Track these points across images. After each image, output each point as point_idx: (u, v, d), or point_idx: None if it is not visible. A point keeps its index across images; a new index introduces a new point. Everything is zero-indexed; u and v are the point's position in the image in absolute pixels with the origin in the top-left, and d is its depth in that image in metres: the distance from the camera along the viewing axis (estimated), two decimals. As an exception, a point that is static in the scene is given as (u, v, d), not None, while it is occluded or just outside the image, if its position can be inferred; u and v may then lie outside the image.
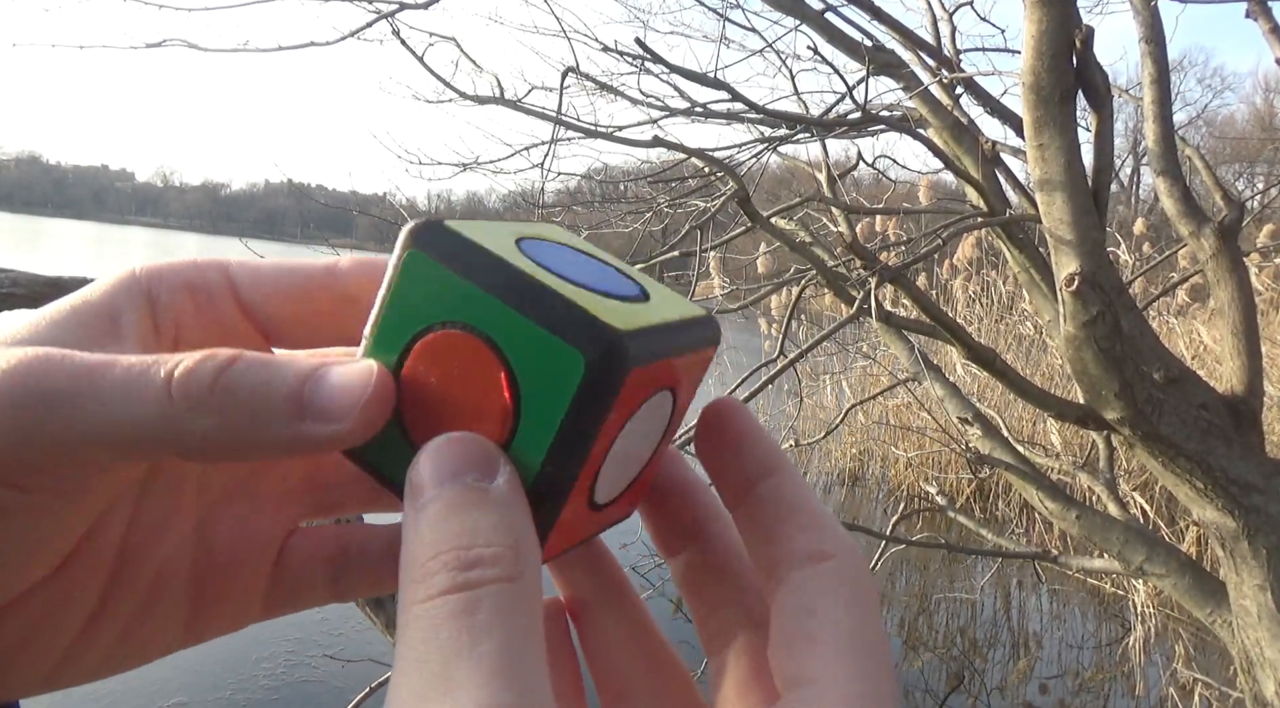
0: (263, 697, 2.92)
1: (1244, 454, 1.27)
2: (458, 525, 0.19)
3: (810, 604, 0.21)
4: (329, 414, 0.21)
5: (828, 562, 0.22)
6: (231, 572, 0.25)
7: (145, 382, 0.20)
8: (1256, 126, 20.37)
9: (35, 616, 0.22)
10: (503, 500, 0.20)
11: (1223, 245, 1.33)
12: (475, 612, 0.18)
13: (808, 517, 0.23)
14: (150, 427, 0.19)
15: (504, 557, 0.19)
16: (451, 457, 0.20)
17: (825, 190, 1.72)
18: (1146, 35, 1.38)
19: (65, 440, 0.19)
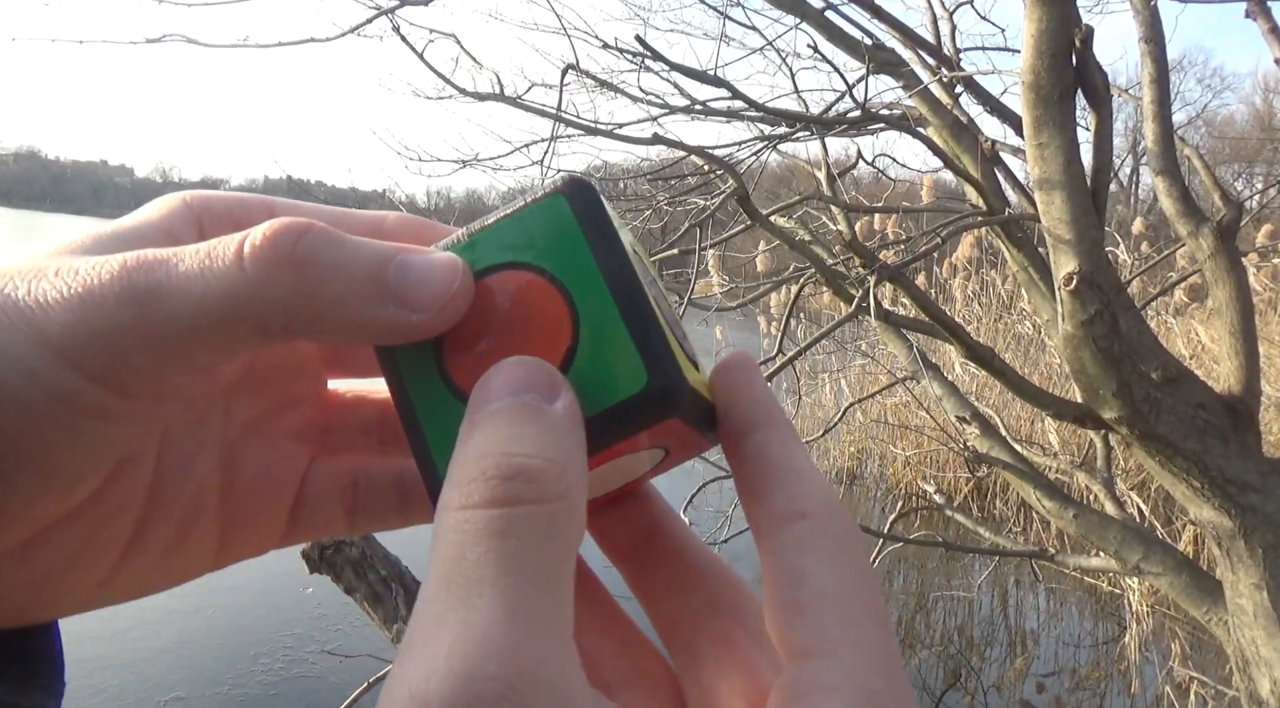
0: (261, 692, 2.92)
1: (1241, 453, 1.27)
2: (507, 434, 0.19)
3: (794, 569, 0.20)
4: (412, 301, 0.20)
5: (808, 520, 0.21)
6: (255, 501, 0.26)
7: (214, 260, 0.20)
8: (1255, 127, 20.38)
9: (83, 533, 0.22)
10: (559, 422, 0.19)
11: (1221, 245, 1.33)
12: (507, 535, 0.17)
13: (786, 472, 0.22)
14: (229, 304, 0.19)
15: (547, 473, 0.18)
16: (517, 375, 0.20)
17: (825, 188, 1.72)
18: (1146, 35, 1.38)
19: (162, 335, 0.19)
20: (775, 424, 0.23)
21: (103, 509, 0.22)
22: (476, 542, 0.17)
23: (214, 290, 0.19)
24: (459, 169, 2.61)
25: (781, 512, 0.21)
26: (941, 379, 2.03)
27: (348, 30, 2.18)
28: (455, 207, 27.59)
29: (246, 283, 0.19)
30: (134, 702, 2.78)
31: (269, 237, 0.20)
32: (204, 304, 0.19)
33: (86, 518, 0.22)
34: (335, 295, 0.20)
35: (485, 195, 24.71)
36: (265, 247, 0.20)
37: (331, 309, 0.20)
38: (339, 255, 0.20)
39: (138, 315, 0.19)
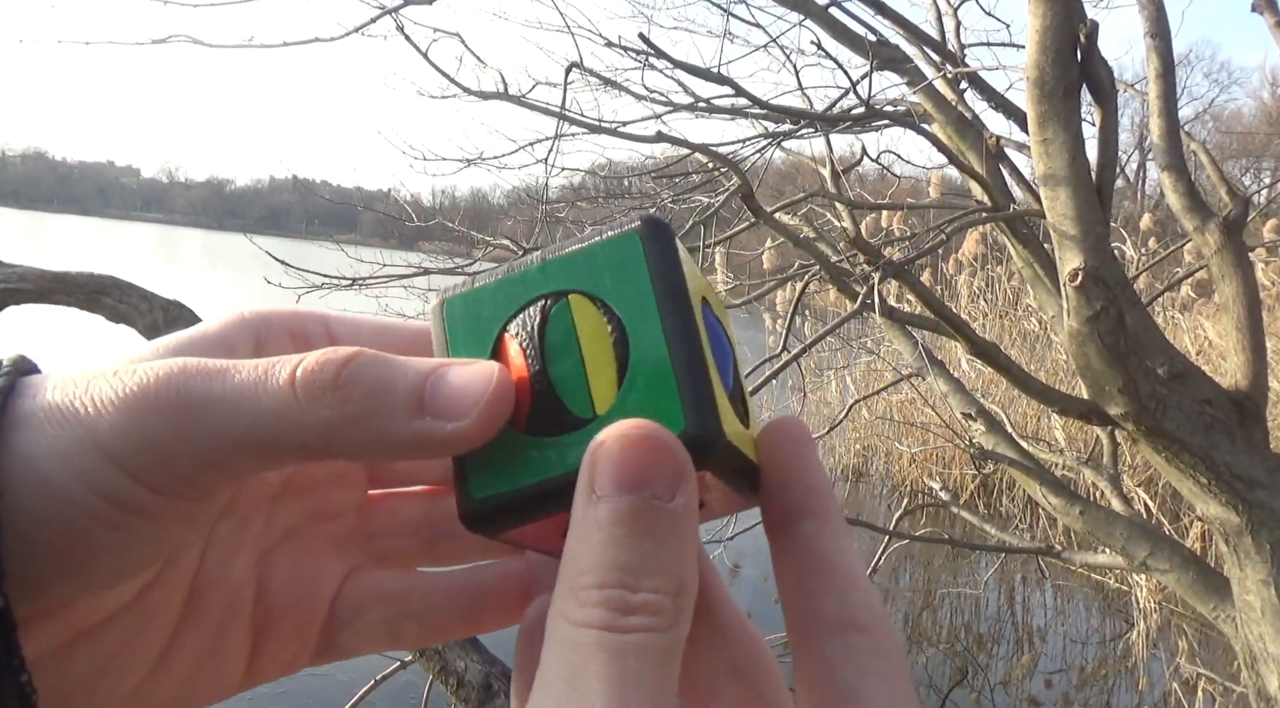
0: (268, 689, 2.92)
1: (1248, 449, 1.27)
2: (627, 556, 0.19)
3: (848, 685, 0.20)
4: (449, 412, 0.21)
5: (861, 634, 0.21)
6: (286, 612, 0.26)
7: (269, 379, 0.20)
8: (1263, 121, 20.28)
9: (116, 641, 0.22)
10: (678, 527, 0.19)
11: (1228, 240, 1.33)
12: (626, 656, 0.18)
13: (840, 576, 0.22)
14: (276, 424, 0.20)
15: (665, 608, 0.19)
16: (635, 460, 0.20)
17: (829, 185, 1.71)
18: (1152, 29, 1.38)
19: (207, 445, 0.20)
20: (830, 517, 0.23)
21: (139, 613, 0.23)
22: (596, 657, 0.18)
23: (264, 409, 0.20)
24: (464, 168, 2.61)
25: (834, 619, 0.21)
26: (947, 376, 2.02)
27: (352, 30, 2.18)
28: (460, 205, 27.56)
29: (295, 405, 0.20)
30: (142, 700, 2.79)
31: (320, 361, 0.21)
32: (253, 420, 0.20)
33: (123, 622, 0.22)
34: (375, 413, 0.21)
35: (490, 194, 24.70)
36: (316, 370, 0.20)
37: (371, 426, 0.21)
38: (382, 375, 0.21)
39: (187, 423, 0.20)
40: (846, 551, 0.23)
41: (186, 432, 0.20)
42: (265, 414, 0.20)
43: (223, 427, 0.20)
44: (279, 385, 0.20)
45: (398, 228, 2.99)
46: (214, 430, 0.20)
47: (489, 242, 2.56)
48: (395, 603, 0.27)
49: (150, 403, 0.20)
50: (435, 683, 1.48)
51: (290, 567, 0.26)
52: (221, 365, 0.21)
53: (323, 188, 16.73)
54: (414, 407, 0.21)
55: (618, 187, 3.42)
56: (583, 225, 2.70)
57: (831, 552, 0.22)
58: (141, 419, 0.20)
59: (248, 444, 0.20)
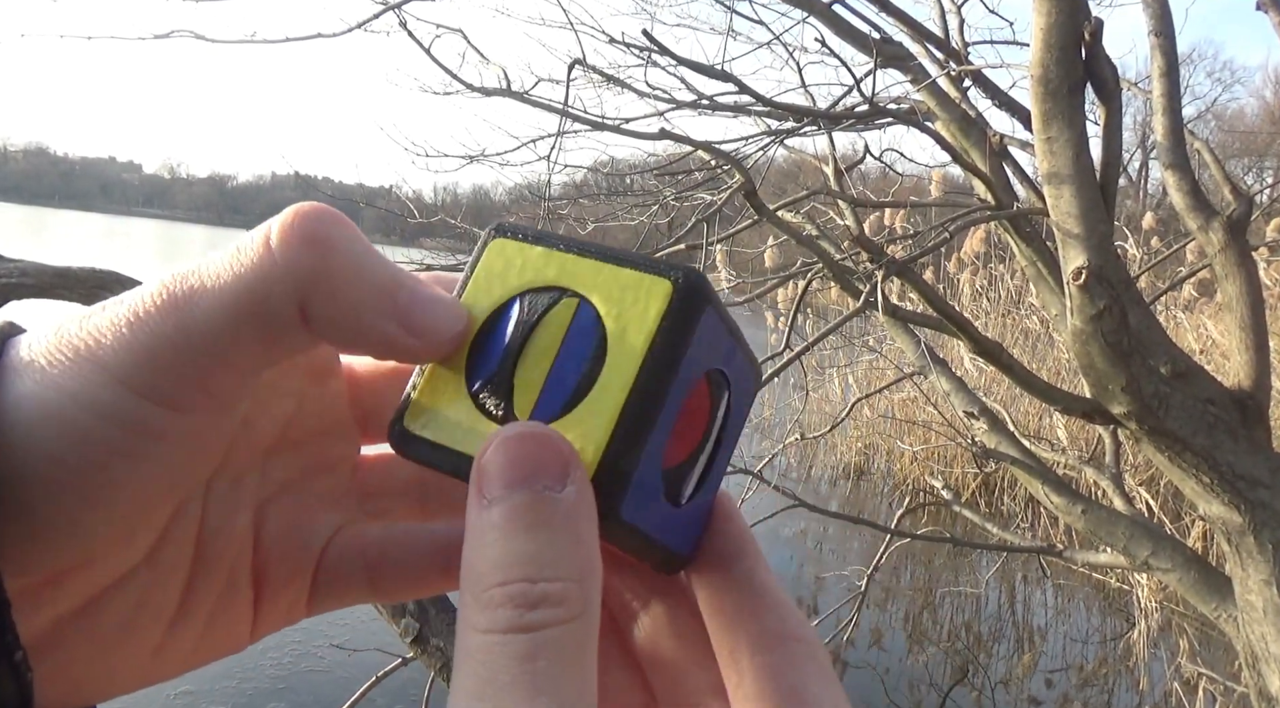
0: (269, 686, 2.93)
1: (1250, 449, 1.27)
2: (525, 549, 0.19)
3: (793, 685, 0.22)
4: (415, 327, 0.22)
5: (800, 644, 0.23)
6: (279, 563, 0.26)
7: (245, 247, 0.21)
8: (1266, 120, 20.24)
9: (133, 601, 0.23)
10: (572, 515, 0.20)
11: (1231, 239, 1.32)
12: (536, 658, 0.18)
13: (777, 600, 0.24)
14: (258, 285, 0.20)
15: (569, 595, 0.19)
16: (522, 455, 0.20)
17: (832, 183, 1.71)
18: (1156, 28, 1.37)
19: (203, 331, 0.20)
20: (759, 558, 0.25)
21: (152, 571, 0.23)
22: (507, 666, 0.18)
23: (244, 279, 0.20)
24: (466, 164, 2.61)
25: (776, 632, 0.23)
26: (949, 374, 2.02)
27: (355, 25, 2.18)
28: (462, 202, 27.56)
29: (273, 264, 0.20)
30: (143, 697, 2.79)
31: (300, 215, 0.21)
32: (236, 295, 0.20)
33: (139, 580, 0.23)
34: (352, 293, 0.21)
35: (492, 191, 24.70)
36: (295, 225, 0.21)
37: (347, 305, 0.21)
38: (363, 257, 0.21)
39: (177, 323, 0.20)
40: (777, 585, 0.25)
41: (180, 332, 0.20)
42: (245, 278, 0.20)
43: (212, 313, 0.20)
44: (255, 247, 0.20)
45: (400, 225, 2.99)
46: (204, 318, 0.20)
47: (491, 238, 2.55)
48: (376, 553, 0.27)
49: (143, 315, 0.20)
50: (437, 680, 1.48)
51: (284, 519, 0.26)
52: (200, 261, 0.21)
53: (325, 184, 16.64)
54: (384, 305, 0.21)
55: (620, 184, 3.42)
56: (585, 223, 2.70)
57: (767, 582, 0.24)
58: (140, 335, 0.20)
59: (235, 317, 0.20)
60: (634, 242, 2.54)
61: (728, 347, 0.24)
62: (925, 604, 4.28)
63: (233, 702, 2.83)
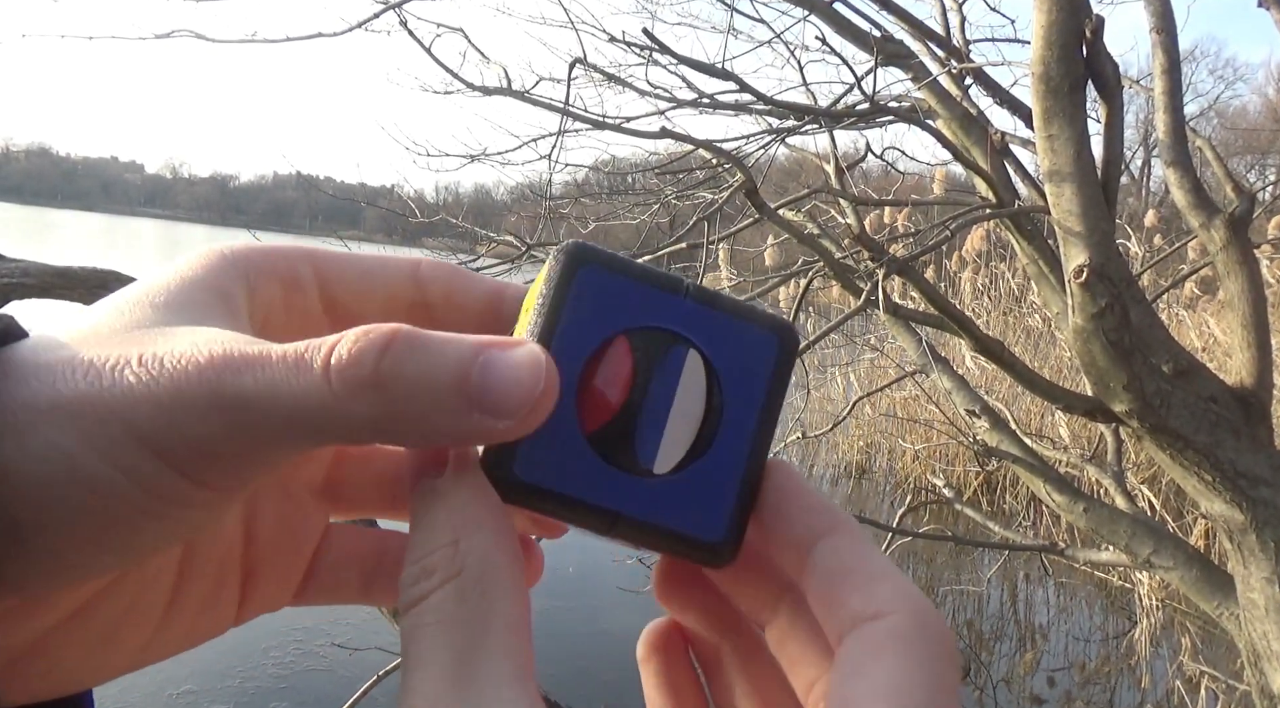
0: (271, 685, 2.94)
1: (1253, 447, 1.26)
2: (413, 540, 0.21)
3: (857, 667, 0.19)
4: (498, 409, 0.20)
5: (881, 620, 0.20)
6: (272, 554, 0.26)
7: (305, 371, 0.19)
8: (1268, 118, 20.21)
9: (129, 598, 0.23)
10: (448, 498, 0.21)
11: (1233, 237, 1.32)
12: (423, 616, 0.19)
13: (864, 576, 0.21)
14: (317, 417, 0.19)
15: (444, 559, 0.20)
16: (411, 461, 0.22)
17: (833, 182, 1.71)
18: (1157, 25, 1.37)
19: (248, 439, 0.19)
20: (844, 528, 0.22)
21: (144, 575, 0.23)
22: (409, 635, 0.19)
23: (303, 405, 0.19)
24: (467, 164, 2.61)
25: (858, 613, 0.20)
26: (951, 373, 2.02)
27: (355, 25, 2.18)
28: (464, 201, 27.51)
29: (334, 399, 0.19)
30: (145, 696, 2.80)
31: (355, 353, 0.19)
32: (293, 418, 0.19)
33: (129, 584, 0.23)
34: (420, 412, 0.20)
35: (494, 190, 24.71)
36: (351, 365, 0.19)
37: (417, 424, 0.20)
38: (422, 367, 0.20)
39: (228, 423, 0.19)
40: (870, 554, 0.22)
41: (226, 427, 0.19)
42: (304, 409, 0.19)
43: (263, 421, 0.19)
44: (315, 378, 0.19)
45: (401, 224, 2.99)
46: (254, 425, 0.19)
47: (492, 238, 2.55)
48: (371, 561, 0.27)
49: (189, 400, 0.19)
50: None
51: (276, 515, 0.26)
52: (254, 355, 0.20)
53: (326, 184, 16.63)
54: (460, 403, 0.20)
55: (621, 183, 3.42)
56: (586, 222, 2.70)
57: (853, 556, 0.22)
58: (183, 418, 0.19)
59: (288, 437, 0.20)
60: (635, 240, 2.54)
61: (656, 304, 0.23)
62: (927, 603, 4.28)
63: (235, 701, 2.84)
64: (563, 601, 3.61)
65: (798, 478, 0.24)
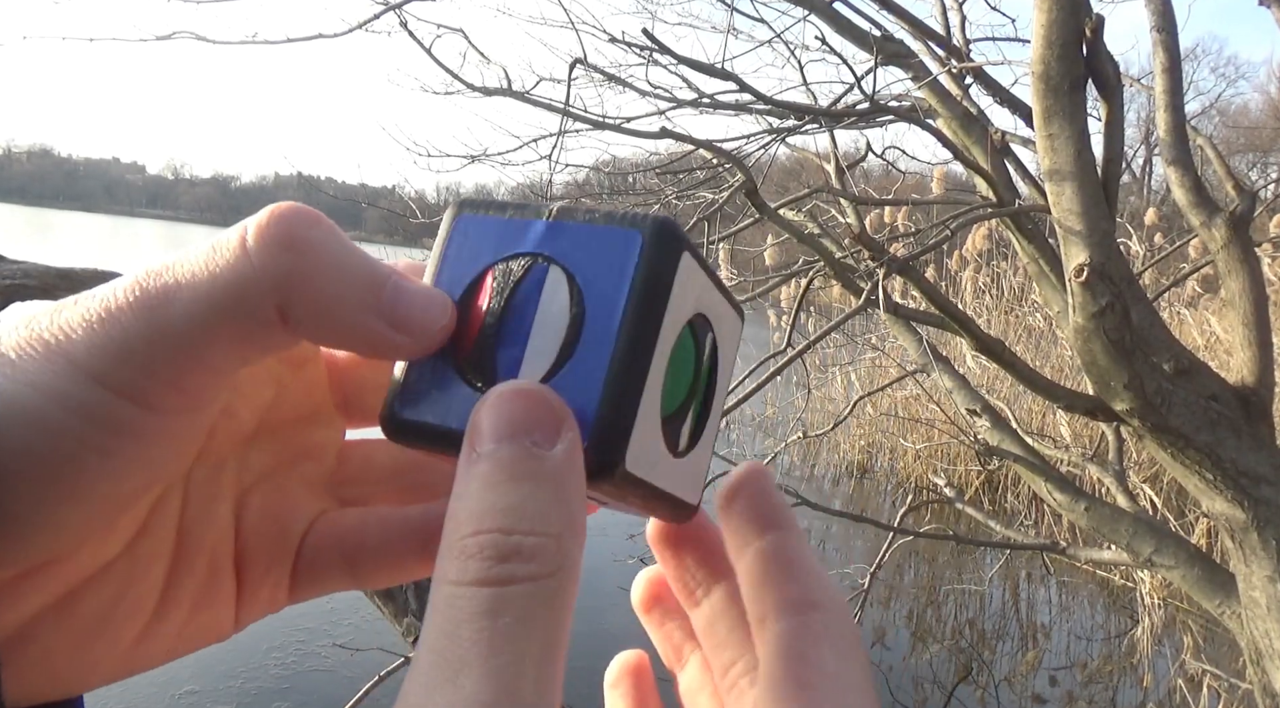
0: (273, 686, 2.94)
1: (1254, 446, 1.26)
2: (505, 501, 0.19)
3: (801, 650, 0.22)
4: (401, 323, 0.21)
5: (818, 612, 0.23)
6: (259, 552, 0.26)
7: (221, 245, 0.20)
8: (1270, 116, 20.18)
9: (113, 593, 0.22)
10: (560, 474, 0.19)
11: (1234, 236, 1.32)
12: (500, 613, 0.17)
13: (802, 570, 0.24)
14: (234, 288, 0.20)
15: (544, 549, 0.18)
16: (514, 412, 0.20)
17: (833, 181, 1.71)
18: (1158, 24, 1.37)
19: (177, 331, 0.20)
20: (790, 528, 0.25)
21: (132, 563, 0.23)
22: (470, 620, 0.17)
23: (220, 280, 0.20)
24: (468, 164, 2.61)
25: (796, 600, 0.23)
26: (952, 372, 2.02)
27: (356, 26, 2.19)
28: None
29: (249, 266, 0.20)
30: (147, 696, 2.80)
31: (275, 217, 0.20)
32: (211, 295, 0.20)
33: (118, 571, 0.22)
34: (333, 292, 0.20)
35: (495, 190, 24.72)
36: (270, 227, 0.20)
37: (328, 305, 0.20)
38: (342, 255, 0.21)
39: (151, 321, 0.19)
40: (809, 554, 0.24)
41: (154, 330, 0.19)
42: (222, 285, 0.20)
43: (186, 313, 0.19)
44: (230, 248, 0.20)
45: (402, 225, 2.99)
46: (179, 319, 0.19)
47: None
48: (353, 539, 0.26)
49: (116, 312, 0.19)
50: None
51: (263, 507, 0.26)
52: (173, 258, 0.20)
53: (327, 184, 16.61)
54: (368, 299, 0.21)
55: (622, 183, 3.42)
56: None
57: (795, 552, 0.24)
58: (113, 332, 0.19)
59: (213, 324, 0.20)
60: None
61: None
62: (929, 602, 4.28)
63: (237, 701, 2.84)
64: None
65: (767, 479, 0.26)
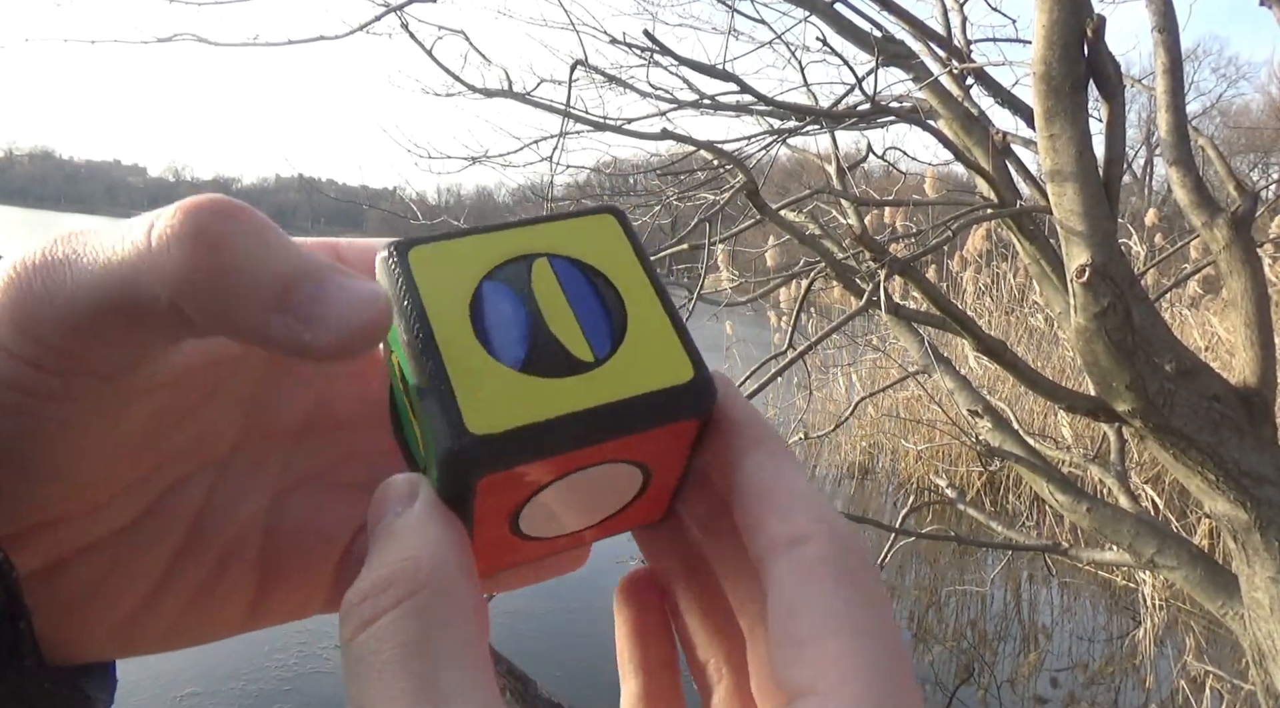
0: (275, 688, 2.94)
1: (1256, 446, 1.26)
2: (372, 564, 0.19)
3: (791, 601, 0.19)
4: (315, 321, 0.19)
5: (807, 545, 0.19)
6: (297, 557, 0.25)
7: (130, 230, 0.19)
8: (1271, 116, 20.17)
9: (106, 564, 0.22)
10: (414, 522, 0.20)
11: (1236, 236, 1.32)
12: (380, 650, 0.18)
13: (780, 494, 0.20)
14: (128, 271, 0.19)
15: (401, 572, 0.18)
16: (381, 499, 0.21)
17: (834, 182, 1.71)
18: (1159, 24, 1.37)
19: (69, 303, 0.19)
20: (763, 445, 0.21)
21: (134, 538, 0.22)
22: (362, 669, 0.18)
23: (113, 266, 0.19)
24: (469, 166, 2.61)
25: (778, 537, 0.20)
26: (953, 373, 2.02)
27: (357, 28, 2.19)
28: (465, 203, 27.63)
29: (145, 258, 0.19)
30: (149, 697, 2.80)
31: (185, 210, 0.19)
32: (103, 280, 0.19)
33: (116, 546, 0.22)
34: (235, 291, 0.19)
35: (495, 192, 24.76)
36: (177, 221, 0.19)
37: (226, 304, 0.19)
38: (256, 251, 0.19)
39: (50, 285, 0.19)
40: (789, 472, 0.21)
41: (50, 294, 0.19)
42: (115, 266, 0.19)
43: (78, 286, 0.19)
44: (136, 236, 0.19)
45: (403, 226, 3.00)
46: (72, 292, 0.19)
47: (494, 239, 2.55)
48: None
49: (20, 276, 0.19)
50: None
51: (304, 510, 0.25)
52: (90, 228, 0.20)
53: (328, 186, 16.68)
54: (278, 299, 0.19)
55: (623, 184, 3.42)
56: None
57: (771, 476, 0.21)
58: (13, 293, 0.19)
59: (102, 299, 0.19)
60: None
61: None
62: (930, 603, 4.28)
63: (239, 703, 2.84)
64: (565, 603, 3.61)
65: (732, 388, 0.23)
